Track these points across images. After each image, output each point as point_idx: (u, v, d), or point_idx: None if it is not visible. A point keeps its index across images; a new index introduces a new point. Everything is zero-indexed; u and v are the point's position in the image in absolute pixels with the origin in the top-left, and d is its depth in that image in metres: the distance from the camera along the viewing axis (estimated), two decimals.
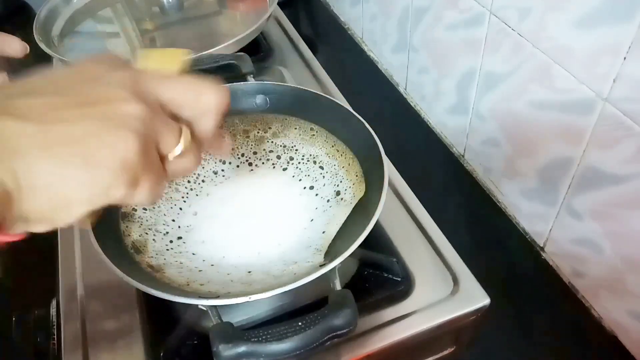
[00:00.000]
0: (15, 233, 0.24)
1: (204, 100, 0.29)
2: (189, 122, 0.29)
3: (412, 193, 0.53)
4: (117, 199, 0.25)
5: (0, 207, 0.22)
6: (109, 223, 0.43)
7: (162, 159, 0.28)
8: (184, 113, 0.29)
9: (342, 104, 0.50)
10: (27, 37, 0.71)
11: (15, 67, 1.01)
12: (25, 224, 0.24)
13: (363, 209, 0.43)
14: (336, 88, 0.68)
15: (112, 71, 0.26)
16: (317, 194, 0.47)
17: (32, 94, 0.24)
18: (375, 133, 0.46)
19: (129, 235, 0.43)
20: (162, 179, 0.28)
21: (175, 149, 0.28)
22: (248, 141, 0.52)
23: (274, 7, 0.74)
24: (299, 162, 0.50)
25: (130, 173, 0.25)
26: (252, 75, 0.59)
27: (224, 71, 0.60)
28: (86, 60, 0.27)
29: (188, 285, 0.40)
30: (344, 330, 0.34)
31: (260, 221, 0.46)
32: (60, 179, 0.23)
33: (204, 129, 0.30)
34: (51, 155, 0.23)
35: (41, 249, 0.51)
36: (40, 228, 0.25)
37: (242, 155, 0.51)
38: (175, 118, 0.28)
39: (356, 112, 0.48)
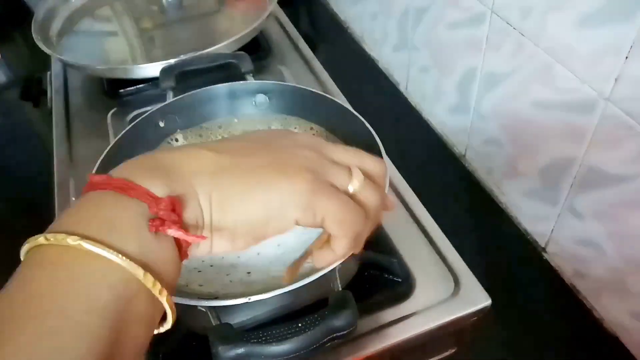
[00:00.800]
0: (200, 235, 0.27)
1: (366, 162, 0.32)
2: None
3: (412, 193, 0.53)
4: (294, 221, 0.29)
5: (197, 220, 0.27)
6: None
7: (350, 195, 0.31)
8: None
9: (342, 103, 0.50)
10: (26, 36, 0.71)
11: (16, 67, 1.01)
12: (210, 240, 0.28)
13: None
14: (336, 87, 0.68)
15: (293, 134, 0.33)
16: None
17: (229, 141, 0.31)
18: (376, 132, 0.46)
19: None
20: (352, 208, 0.30)
21: (351, 183, 0.31)
22: None
23: (273, 6, 0.74)
24: None
25: (302, 198, 0.28)
26: (251, 75, 0.59)
27: (223, 70, 0.60)
28: (274, 129, 0.34)
29: (187, 286, 0.40)
30: (344, 332, 0.34)
31: None
32: (245, 198, 0.28)
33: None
34: (240, 179, 0.28)
35: None
36: (220, 247, 0.28)
37: None
38: None
39: (356, 111, 0.48)
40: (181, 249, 0.26)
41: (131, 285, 0.23)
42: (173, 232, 0.25)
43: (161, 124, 0.52)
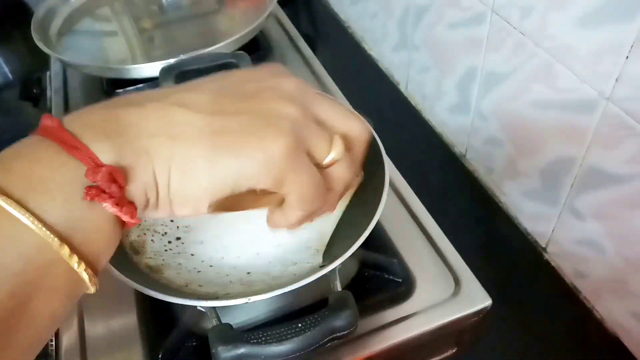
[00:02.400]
0: (138, 217, 0.25)
1: (352, 125, 0.30)
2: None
3: (413, 193, 0.53)
4: (260, 188, 0.27)
5: (146, 191, 0.25)
6: None
7: (318, 166, 0.28)
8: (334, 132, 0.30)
9: (342, 103, 0.50)
10: (25, 36, 0.71)
11: (16, 67, 1.01)
12: (169, 207, 0.26)
13: (364, 209, 0.43)
14: (336, 87, 0.68)
15: (276, 77, 0.29)
16: None
17: (201, 90, 0.28)
18: (376, 132, 0.46)
19: (127, 235, 0.43)
20: (317, 185, 0.28)
21: (329, 156, 0.28)
22: None
23: (273, 5, 0.74)
24: None
25: (275, 168, 0.26)
26: None
27: (223, 70, 0.60)
28: (255, 67, 0.30)
29: (187, 286, 0.40)
30: (345, 332, 0.34)
31: (260, 221, 0.46)
32: (210, 165, 0.25)
33: (354, 152, 0.31)
34: (208, 143, 0.25)
35: None
36: (182, 212, 0.26)
37: None
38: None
39: (356, 111, 0.48)
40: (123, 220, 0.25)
41: (46, 254, 0.21)
42: (107, 206, 0.23)
43: None
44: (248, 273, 0.41)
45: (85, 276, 0.23)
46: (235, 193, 0.27)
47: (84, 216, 0.23)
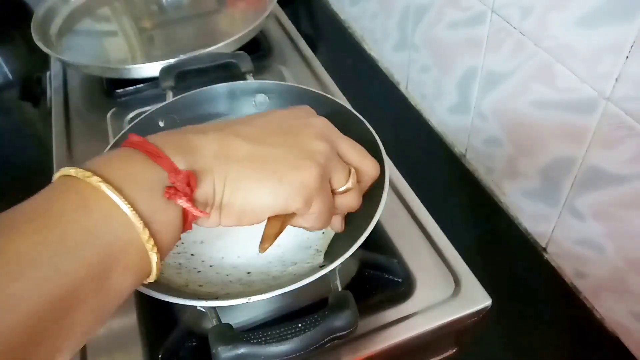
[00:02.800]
0: (203, 211, 0.30)
1: (366, 162, 0.37)
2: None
3: (413, 193, 0.53)
4: (293, 211, 0.33)
5: (207, 199, 0.30)
6: None
7: (333, 192, 0.35)
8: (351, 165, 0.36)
9: (342, 103, 0.50)
10: (25, 36, 0.71)
11: (15, 67, 1.01)
12: (218, 216, 0.31)
13: (364, 209, 0.43)
14: (336, 87, 0.68)
15: (311, 117, 0.36)
16: None
17: (253, 124, 0.34)
18: (376, 132, 0.46)
19: None
20: (331, 208, 0.35)
21: (344, 186, 0.35)
22: None
23: (273, 5, 0.74)
24: None
25: (307, 192, 0.32)
26: (251, 74, 0.58)
27: (223, 70, 0.60)
28: (293, 108, 0.37)
29: (187, 286, 0.40)
30: (345, 332, 0.34)
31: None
32: (257, 186, 0.31)
33: (362, 184, 0.38)
34: (255, 167, 0.31)
35: None
36: (227, 222, 0.32)
37: None
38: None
39: (356, 111, 0.48)
40: (187, 219, 0.30)
41: (129, 235, 0.26)
42: (182, 202, 0.28)
43: (161, 124, 0.52)
44: (248, 273, 0.41)
45: (154, 259, 0.27)
46: (279, 213, 0.32)
47: (162, 210, 0.28)
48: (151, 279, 0.29)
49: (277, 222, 0.34)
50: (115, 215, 0.26)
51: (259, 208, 0.32)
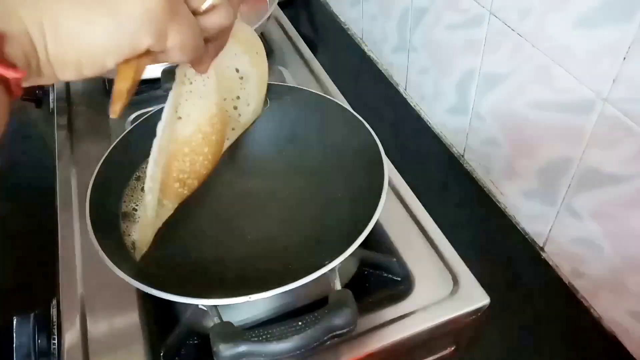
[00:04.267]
0: (25, 83, 0.25)
1: None
2: None
3: (412, 193, 0.53)
4: (144, 49, 0.26)
5: (26, 55, 0.24)
6: (109, 223, 0.43)
7: (195, 13, 0.28)
8: None
9: (342, 103, 0.50)
10: None
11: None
12: (52, 73, 0.25)
13: (363, 208, 0.43)
14: (336, 88, 0.68)
15: None
16: None
17: None
18: (375, 133, 0.46)
19: (129, 235, 0.43)
20: (195, 34, 0.28)
21: (205, 2, 0.28)
22: None
23: (274, 7, 0.74)
24: None
25: (156, 22, 0.25)
26: None
27: None
28: None
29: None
30: (344, 330, 0.35)
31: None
32: (85, 26, 0.24)
33: None
34: (76, 4, 0.24)
35: (41, 249, 0.51)
36: (66, 76, 0.26)
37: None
38: None
39: (356, 112, 0.48)
40: (9, 84, 0.25)
41: None
42: None
43: None
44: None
45: None
46: (127, 57, 0.26)
47: None
48: None
49: (130, 71, 0.28)
50: None
51: (97, 53, 0.25)
